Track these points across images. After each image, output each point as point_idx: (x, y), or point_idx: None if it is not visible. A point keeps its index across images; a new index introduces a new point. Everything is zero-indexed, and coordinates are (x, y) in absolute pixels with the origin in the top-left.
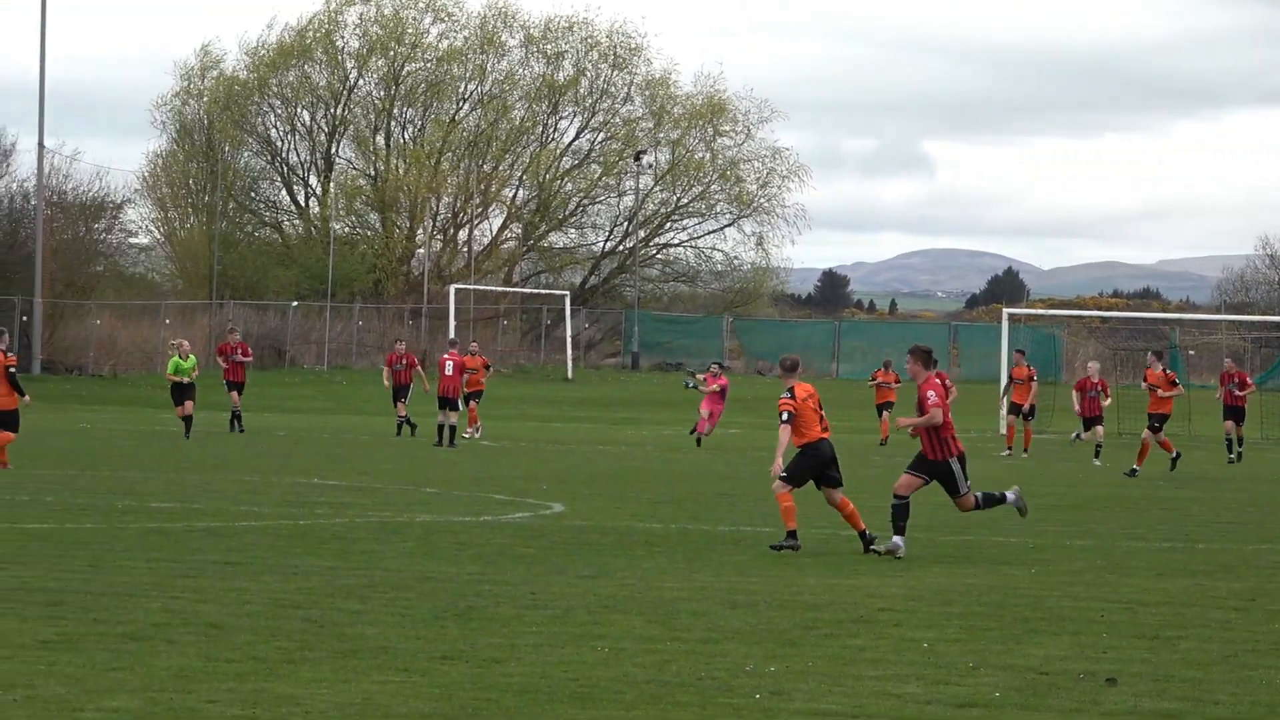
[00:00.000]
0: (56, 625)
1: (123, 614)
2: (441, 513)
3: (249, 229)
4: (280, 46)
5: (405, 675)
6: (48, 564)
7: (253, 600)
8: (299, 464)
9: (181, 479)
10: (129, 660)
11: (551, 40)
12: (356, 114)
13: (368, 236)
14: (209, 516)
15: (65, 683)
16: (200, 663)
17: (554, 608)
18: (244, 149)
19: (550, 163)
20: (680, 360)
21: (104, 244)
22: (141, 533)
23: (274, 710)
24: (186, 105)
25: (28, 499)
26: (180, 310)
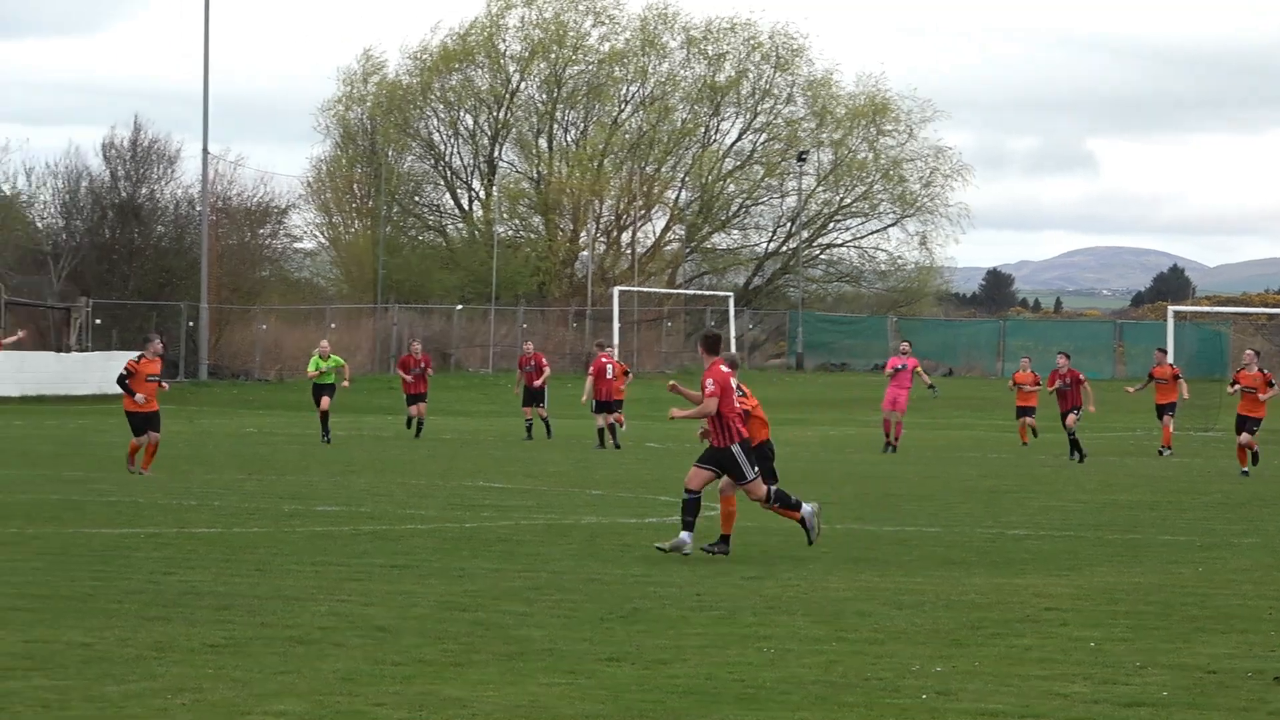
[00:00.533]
0: (224, 629)
1: (290, 618)
2: (607, 515)
3: (413, 233)
4: (443, 51)
5: (571, 677)
6: (215, 568)
7: (419, 603)
8: (465, 467)
9: (348, 483)
10: (296, 664)
11: (713, 41)
12: (519, 117)
13: (531, 239)
14: (375, 520)
15: (233, 686)
16: (367, 666)
17: (720, 609)
18: (407, 153)
19: (712, 164)
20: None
21: (269, 249)
22: (308, 536)
23: (441, 713)
24: (350, 110)
25: (195, 503)
26: (345, 314)
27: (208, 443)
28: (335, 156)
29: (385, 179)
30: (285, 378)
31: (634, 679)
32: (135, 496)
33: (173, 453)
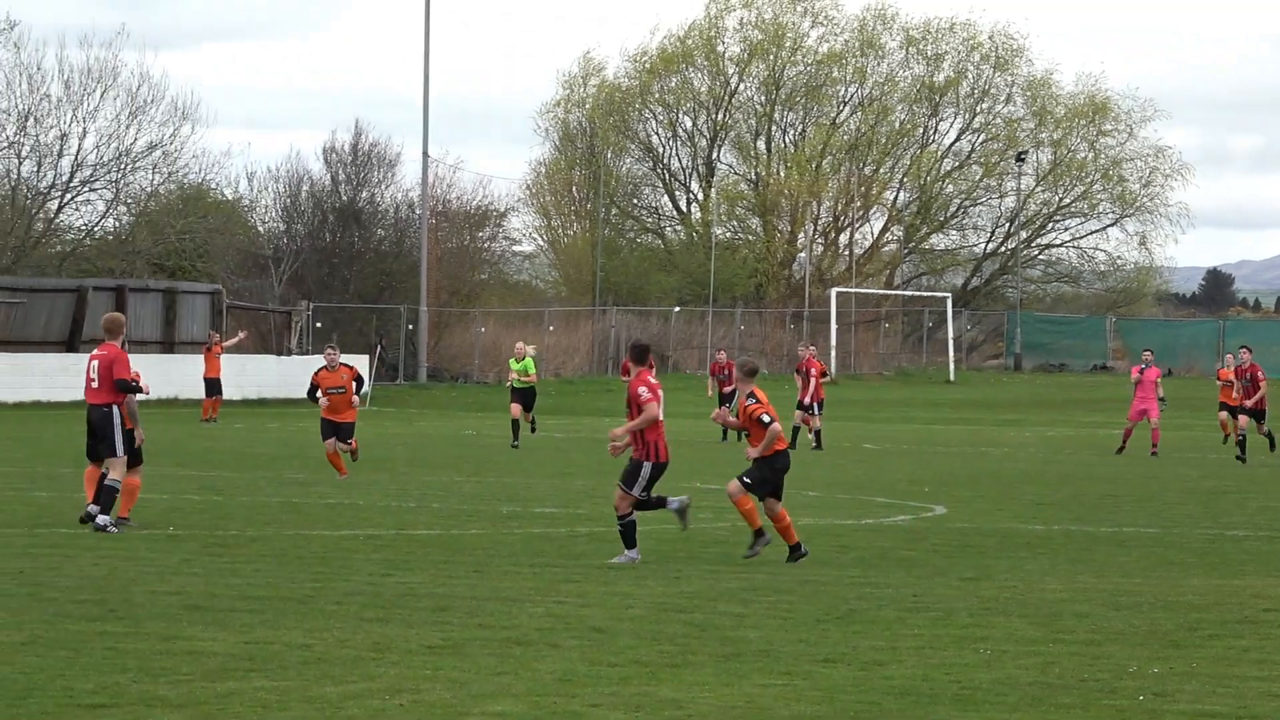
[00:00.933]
0: (442, 630)
1: (507, 619)
2: (823, 516)
3: (631, 235)
4: (662, 53)
5: (788, 678)
6: (434, 570)
7: (636, 605)
8: (683, 468)
9: (566, 484)
10: (513, 665)
11: (931, 41)
12: (737, 119)
13: (749, 241)
14: (592, 522)
15: (450, 687)
16: (584, 666)
17: (936, 610)
18: (626, 155)
19: (931, 165)
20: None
21: (487, 252)
22: (526, 538)
23: (658, 713)
24: (569, 113)
25: (414, 505)
26: (563, 316)
27: (426, 445)
28: (554, 159)
29: (604, 181)
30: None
31: (850, 680)
32: (355, 499)
33: (391, 454)
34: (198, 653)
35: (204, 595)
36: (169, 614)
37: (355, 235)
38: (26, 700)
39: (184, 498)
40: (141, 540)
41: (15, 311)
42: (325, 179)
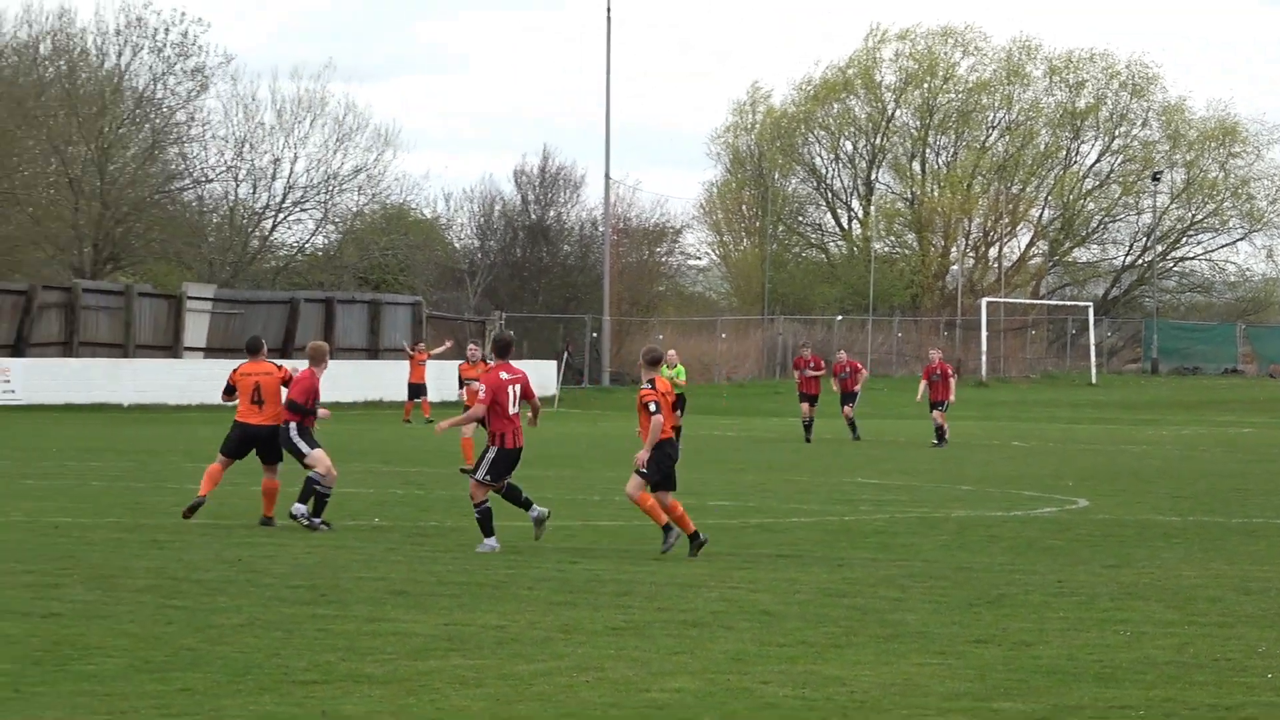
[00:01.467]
0: (624, 613)
1: (684, 603)
2: (975, 508)
3: (796, 249)
4: (824, 82)
5: (942, 658)
6: (616, 558)
7: (802, 589)
8: (844, 464)
9: (737, 479)
10: (690, 645)
11: (1073, 70)
12: (894, 142)
13: (905, 255)
14: (762, 514)
15: (632, 665)
16: (754, 647)
17: (1079, 595)
18: (791, 176)
19: (1073, 184)
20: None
21: (665, 266)
22: (701, 528)
23: (822, 690)
24: (739, 138)
25: (599, 499)
26: (735, 325)
27: (609, 443)
28: (725, 180)
29: (771, 201)
30: None
31: (1000, 659)
32: (545, 493)
33: (577, 452)
34: (401, 633)
35: (407, 581)
36: (375, 598)
37: (543, 251)
38: (245, 677)
39: (388, 491)
40: (349, 531)
41: (234, 321)
42: (516, 199)
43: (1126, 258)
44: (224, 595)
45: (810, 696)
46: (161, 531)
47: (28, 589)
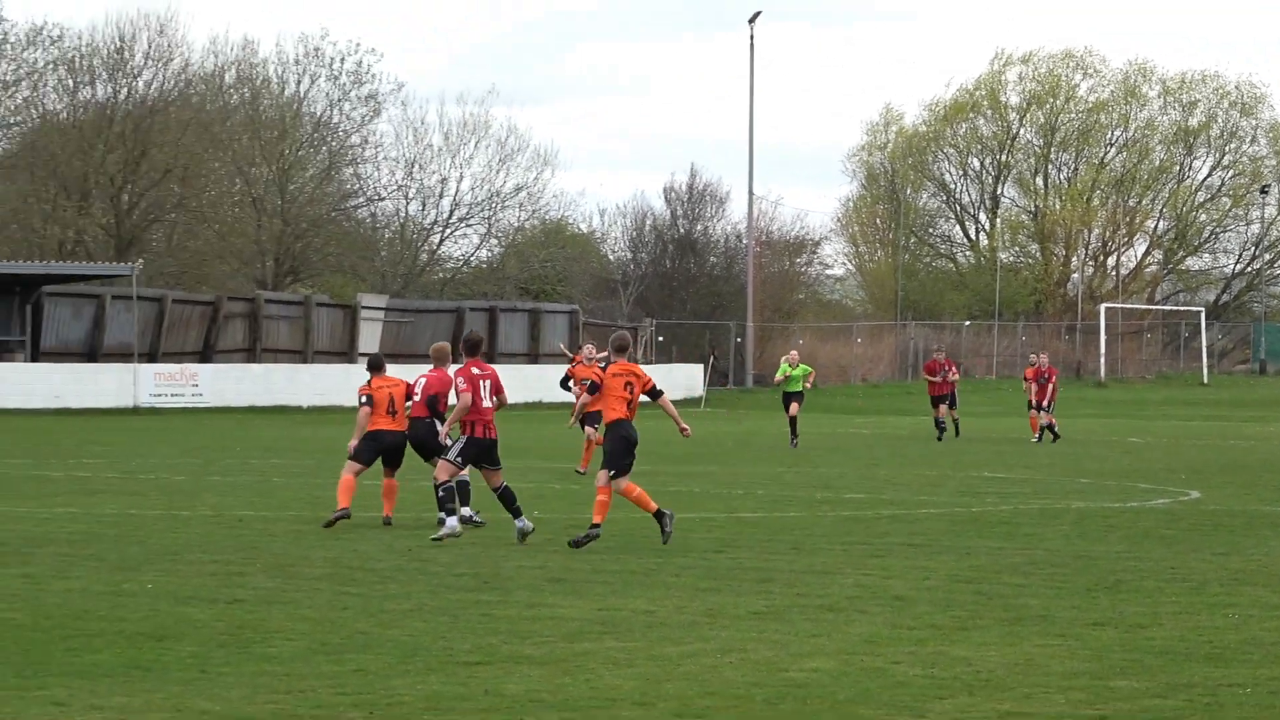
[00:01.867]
0: (766, 599)
1: (821, 589)
2: (1093, 500)
3: (927, 259)
4: (953, 103)
5: (1062, 640)
6: (758, 547)
7: (932, 576)
8: (971, 459)
9: (871, 473)
10: (826, 628)
11: (1186, 90)
12: (1018, 159)
13: (1029, 264)
14: (895, 505)
15: (772, 647)
16: (886, 630)
17: (1191, 581)
18: (922, 191)
19: (1186, 197)
20: None
21: (804, 275)
22: (837, 520)
23: (950, 670)
24: (872, 155)
25: (742, 493)
26: (869, 331)
27: (753, 440)
28: (861, 195)
29: (903, 214)
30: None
31: (1116, 641)
32: (691, 487)
33: (722, 449)
34: (558, 618)
35: (563, 569)
36: (533, 585)
37: (691, 262)
38: (413, 658)
39: (546, 486)
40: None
41: (404, 329)
42: (665, 214)
43: (1236, 265)
44: (394, 583)
45: (938, 675)
46: (339, 527)
47: (213, 577)
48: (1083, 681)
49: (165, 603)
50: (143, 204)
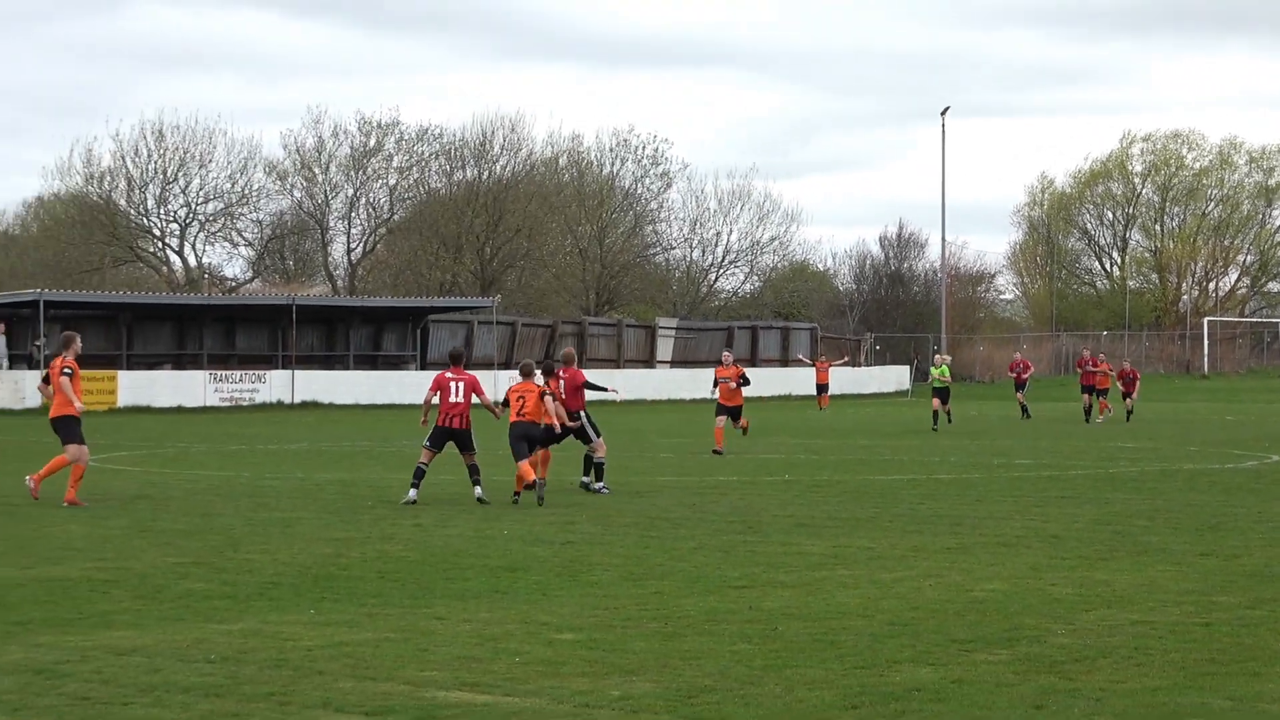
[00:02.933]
0: (956, 538)
1: (997, 530)
2: (1199, 463)
3: (1074, 286)
4: (1091, 170)
5: (1177, 566)
6: (950, 500)
7: (1079, 520)
8: (1108, 434)
9: (1034, 445)
10: (1000, 559)
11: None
12: (1141, 211)
13: (1150, 288)
14: (1051, 468)
15: (960, 574)
16: (1046, 560)
17: (1273, 521)
18: (1069, 236)
19: (1267, 238)
20: None
21: (984, 299)
22: (1009, 479)
23: (1092, 589)
24: (1033, 210)
25: (938, 460)
26: (1032, 339)
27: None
28: (1023, 240)
29: (1056, 253)
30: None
31: (1216, 567)
32: (900, 456)
33: (922, 429)
34: (803, 553)
35: (806, 517)
36: (785, 528)
37: (899, 290)
38: (696, 583)
39: (795, 456)
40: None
41: (689, 343)
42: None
43: None
44: (684, 527)
45: (1084, 593)
46: (642, 487)
47: (551, 525)
48: (1192, 598)
49: (517, 544)
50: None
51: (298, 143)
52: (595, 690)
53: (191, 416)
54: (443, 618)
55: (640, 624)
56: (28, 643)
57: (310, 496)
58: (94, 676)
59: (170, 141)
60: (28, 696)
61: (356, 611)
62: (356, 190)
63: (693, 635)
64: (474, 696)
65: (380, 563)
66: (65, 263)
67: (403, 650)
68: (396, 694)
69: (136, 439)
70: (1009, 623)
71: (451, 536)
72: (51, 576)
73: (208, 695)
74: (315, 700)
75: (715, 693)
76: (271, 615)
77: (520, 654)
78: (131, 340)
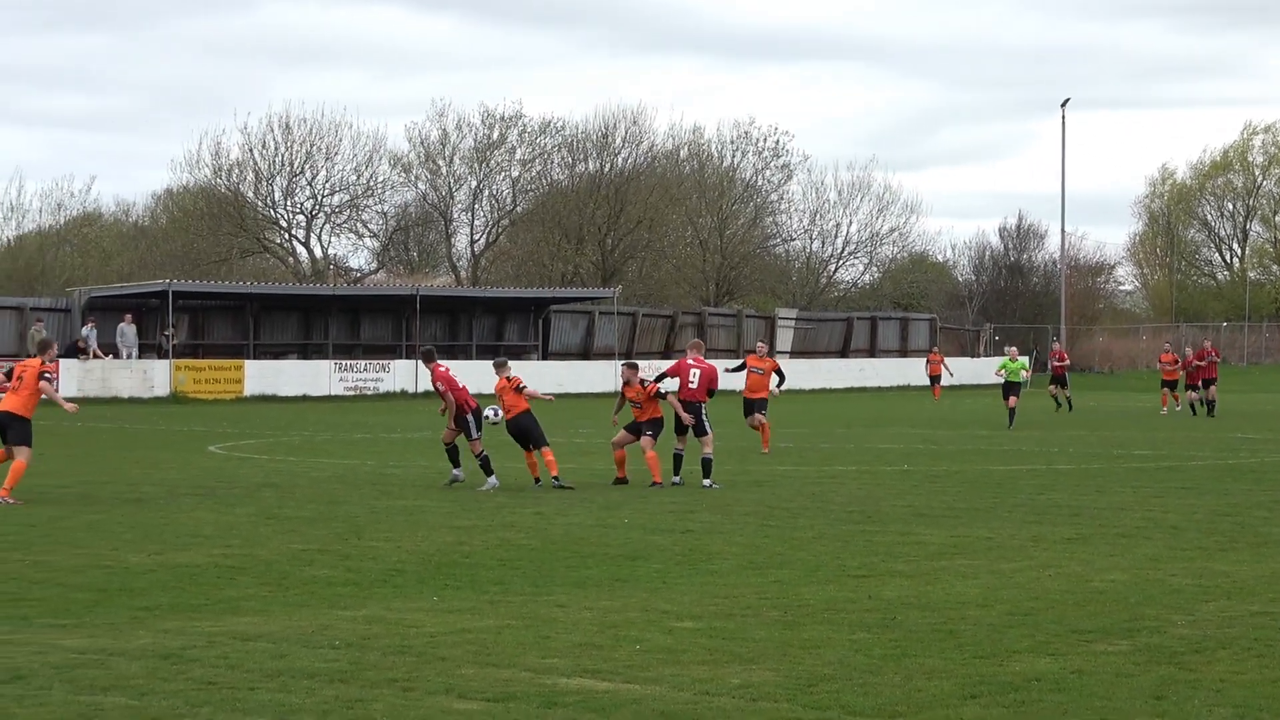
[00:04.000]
0: (1075, 528)
1: (1116, 520)
2: None
3: (1194, 277)
4: (1213, 163)
5: None
6: (1070, 489)
7: (1199, 511)
8: (1226, 425)
9: (1152, 435)
10: (1120, 549)
11: None
12: (1261, 203)
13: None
14: (1170, 459)
15: (1080, 564)
16: (1165, 550)
17: None
18: (1189, 228)
19: None
20: None
21: (1103, 290)
22: (1128, 470)
23: (1212, 580)
24: (1153, 202)
25: (1056, 450)
26: (1152, 330)
27: (1063, 412)
28: (1143, 231)
29: (1176, 244)
30: (1114, 370)
31: None
32: (1018, 446)
33: (1043, 418)
34: (922, 542)
35: (925, 506)
36: (903, 518)
37: (1019, 282)
38: (816, 572)
39: (913, 446)
40: (886, 473)
41: (809, 334)
42: (999, 247)
43: None
44: (803, 517)
45: (1205, 584)
46: (761, 476)
47: (671, 514)
48: None
49: (637, 532)
50: (621, 246)
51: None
52: (715, 678)
53: (316, 405)
54: (564, 605)
55: (760, 612)
56: (155, 628)
57: (433, 485)
58: (220, 662)
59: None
60: (155, 681)
61: (479, 598)
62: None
63: (812, 624)
64: (595, 684)
65: (502, 550)
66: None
67: (524, 637)
68: (518, 680)
69: (262, 428)
70: (1129, 613)
71: (572, 525)
72: (179, 563)
73: (332, 681)
74: (438, 686)
75: (834, 681)
76: (395, 602)
77: (641, 642)
78: (258, 330)
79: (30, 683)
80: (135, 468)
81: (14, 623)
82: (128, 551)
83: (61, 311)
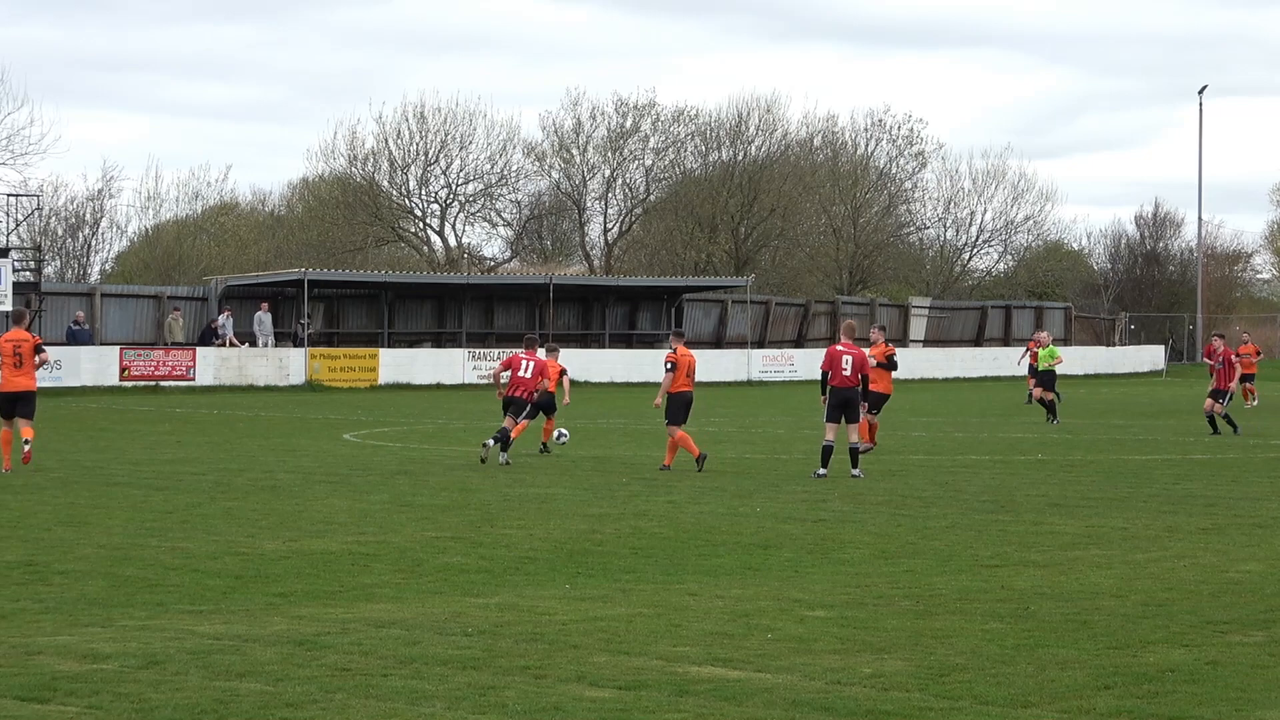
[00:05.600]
0: (1211, 518)
1: (1252, 511)
2: None
3: None
4: None
5: None
6: (1206, 480)
7: None
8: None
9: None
10: (1257, 540)
11: None
12: None
13: None
14: (1267, 450)
15: (1216, 554)
16: None
17: None
18: None
19: None
20: None
21: (1240, 279)
22: (1266, 460)
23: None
24: None
25: (1193, 440)
26: None
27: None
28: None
29: None
30: None
31: None
32: (1155, 435)
33: (1178, 408)
34: (1056, 533)
35: (1059, 496)
36: (1037, 508)
37: (1155, 270)
38: (948, 562)
39: (1048, 436)
40: (1020, 463)
41: (943, 323)
42: (1135, 235)
43: None
44: (935, 506)
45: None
46: (894, 466)
47: (804, 503)
48: None
49: (769, 521)
50: (754, 235)
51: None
52: (847, 667)
53: (450, 393)
54: (695, 594)
55: (892, 602)
56: (290, 614)
57: (565, 473)
58: (354, 648)
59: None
60: (289, 667)
61: (610, 587)
62: (613, 171)
63: (944, 614)
64: (726, 672)
65: (634, 539)
66: (329, 243)
67: (656, 625)
68: (650, 669)
69: (397, 415)
70: (1265, 604)
71: (704, 513)
72: (314, 550)
73: (465, 668)
74: (570, 674)
75: (967, 671)
76: (527, 590)
77: (772, 630)
78: (393, 319)
79: (166, 668)
80: (271, 455)
81: (151, 609)
82: (263, 538)
83: (198, 300)
